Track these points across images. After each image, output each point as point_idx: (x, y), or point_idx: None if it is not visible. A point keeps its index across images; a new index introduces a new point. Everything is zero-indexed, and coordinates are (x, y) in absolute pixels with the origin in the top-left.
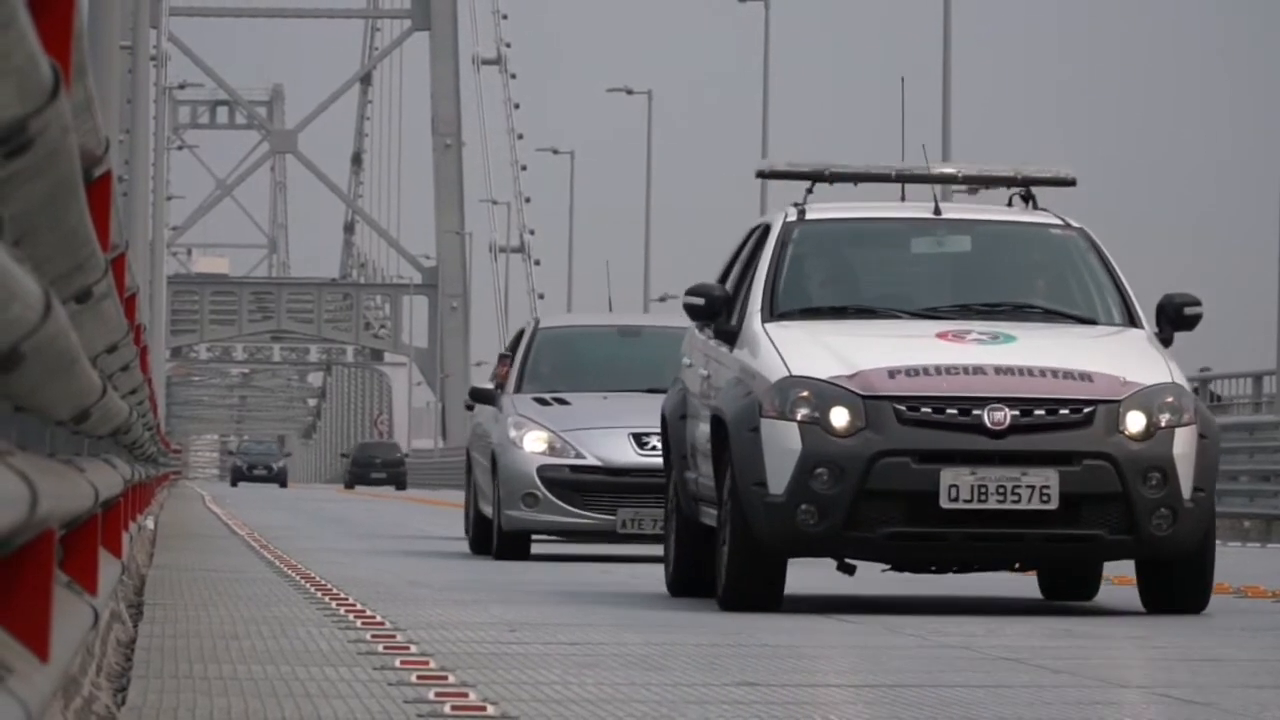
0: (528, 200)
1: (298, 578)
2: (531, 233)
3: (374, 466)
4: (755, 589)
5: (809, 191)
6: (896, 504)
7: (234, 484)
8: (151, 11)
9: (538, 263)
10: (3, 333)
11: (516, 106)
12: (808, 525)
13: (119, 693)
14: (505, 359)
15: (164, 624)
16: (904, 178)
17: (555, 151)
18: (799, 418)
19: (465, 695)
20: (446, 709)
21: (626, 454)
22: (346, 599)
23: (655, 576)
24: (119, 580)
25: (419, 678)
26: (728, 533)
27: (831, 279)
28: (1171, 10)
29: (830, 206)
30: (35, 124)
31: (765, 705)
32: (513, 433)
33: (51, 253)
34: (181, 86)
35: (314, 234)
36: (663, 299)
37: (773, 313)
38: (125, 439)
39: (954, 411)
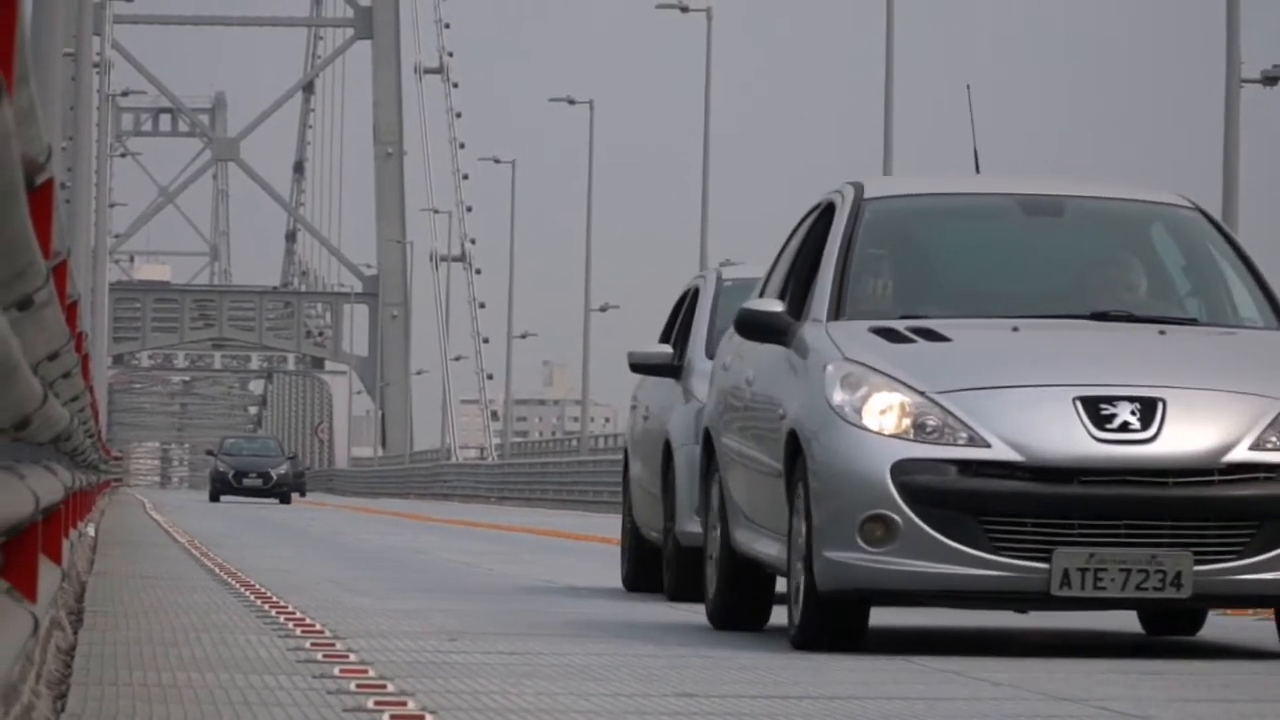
0: (469, 209)
1: (237, 585)
2: (473, 242)
3: None
4: None
5: None
6: None
7: (214, 498)
8: (95, 19)
9: (479, 271)
10: None
11: (458, 115)
12: None
13: (59, 700)
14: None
15: (104, 631)
16: None
17: (497, 161)
18: None
19: (404, 704)
20: (385, 718)
21: (1073, 439)
22: (286, 607)
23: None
24: (59, 587)
25: (358, 686)
26: None
27: None
28: None
29: None
30: None
31: (704, 717)
32: (838, 395)
33: None
34: (124, 94)
35: (256, 242)
36: (603, 309)
37: None
38: (66, 446)
39: None
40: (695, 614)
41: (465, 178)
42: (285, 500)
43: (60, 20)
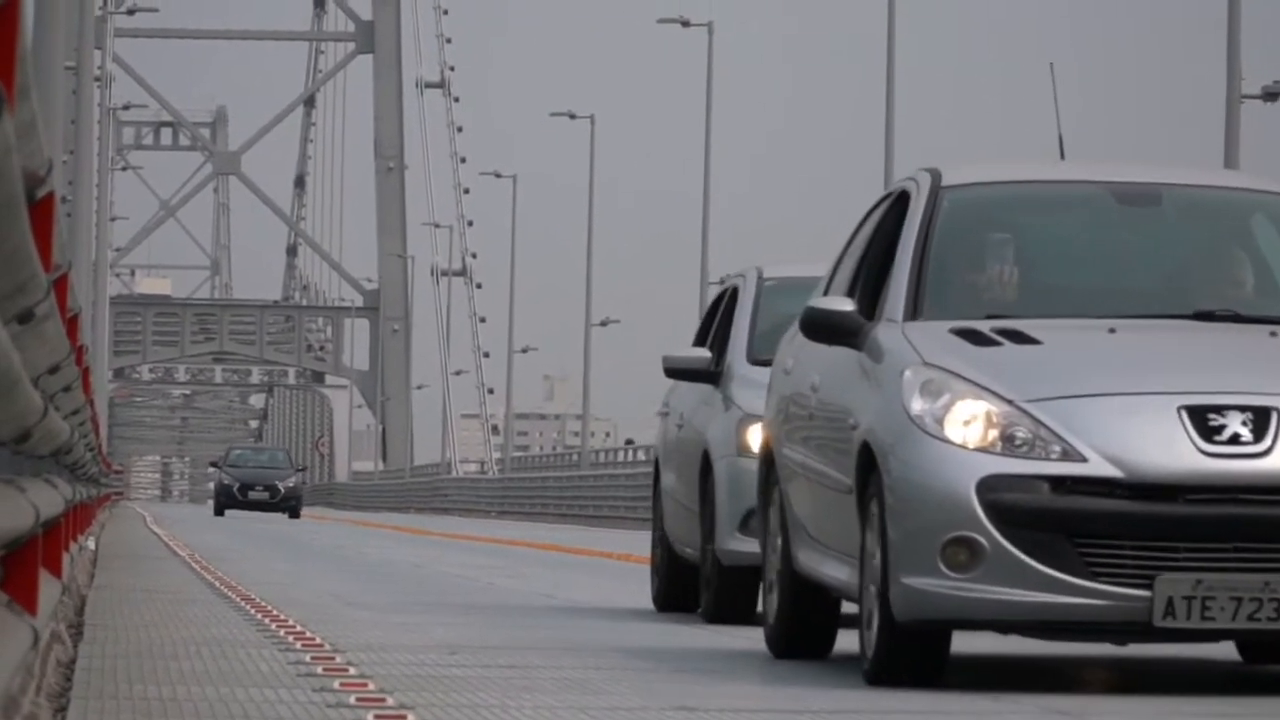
0: (470, 224)
1: (238, 599)
2: (474, 256)
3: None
4: None
5: None
6: None
7: (219, 512)
8: (96, 32)
9: (479, 286)
10: None
11: (459, 130)
12: None
13: (59, 713)
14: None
15: (104, 644)
16: None
17: (498, 175)
18: None
19: (404, 718)
20: None
21: (1178, 453)
22: (286, 620)
23: None
24: (59, 600)
25: (358, 700)
26: None
27: None
28: None
29: None
30: None
31: None
32: (917, 403)
33: None
34: (126, 107)
35: (257, 256)
36: (604, 323)
37: None
38: (67, 459)
39: None
40: (738, 637)
41: (466, 192)
42: (294, 515)
43: (62, 34)
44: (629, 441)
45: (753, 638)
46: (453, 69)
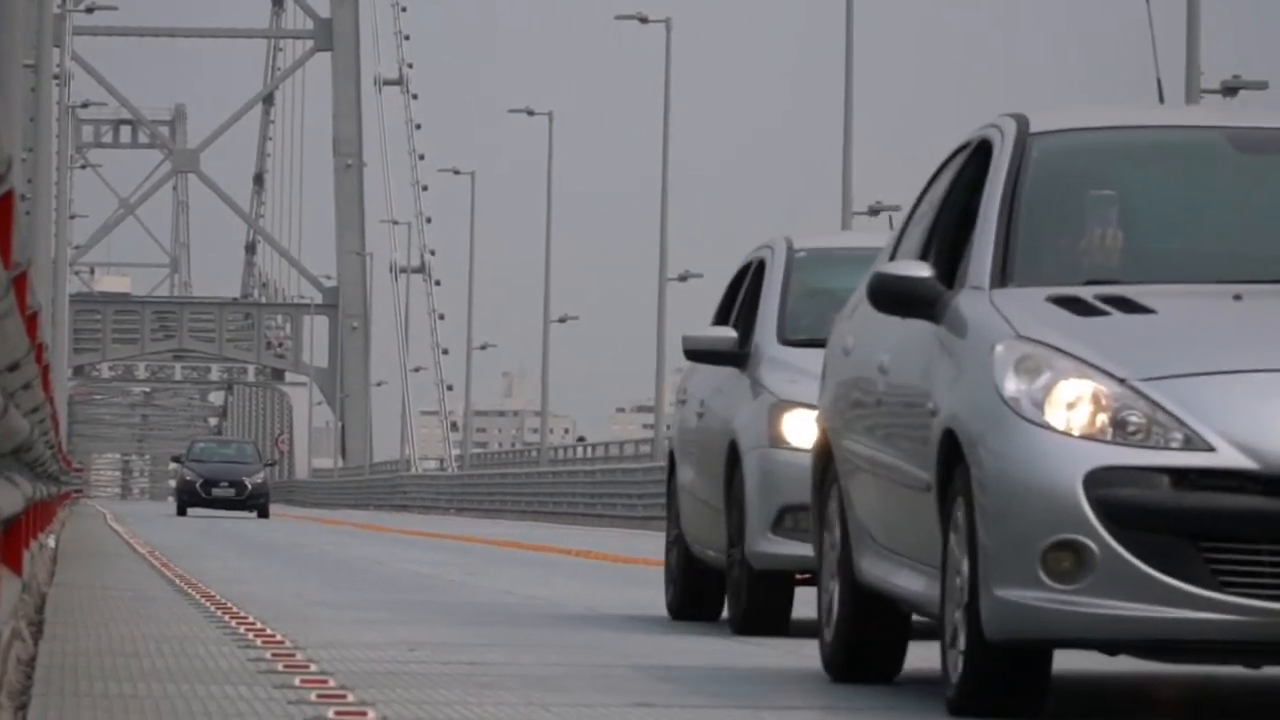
0: (429, 220)
1: (198, 596)
2: (432, 253)
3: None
4: None
5: None
6: None
7: (182, 511)
8: (55, 30)
9: (438, 283)
10: None
11: (418, 127)
12: None
13: (20, 710)
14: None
15: (65, 642)
16: None
17: (456, 172)
18: None
19: (364, 714)
20: None
21: None
22: (246, 618)
23: None
24: (20, 598)
25: (319, 696)
26: None
27: None
28: None
29: None
30: None
31: None
32: (1012, 383)
33: None
34: (84, 105)
35: (216, 254)
36: (563, 320)
37: None
38: (27, 457)
39: None
40: (777, 651)
41: (425, 189)
42: (263, 514)
43: (20, 31)
44: (581, 439)
45: (792, 651)
46: (411, 66)
